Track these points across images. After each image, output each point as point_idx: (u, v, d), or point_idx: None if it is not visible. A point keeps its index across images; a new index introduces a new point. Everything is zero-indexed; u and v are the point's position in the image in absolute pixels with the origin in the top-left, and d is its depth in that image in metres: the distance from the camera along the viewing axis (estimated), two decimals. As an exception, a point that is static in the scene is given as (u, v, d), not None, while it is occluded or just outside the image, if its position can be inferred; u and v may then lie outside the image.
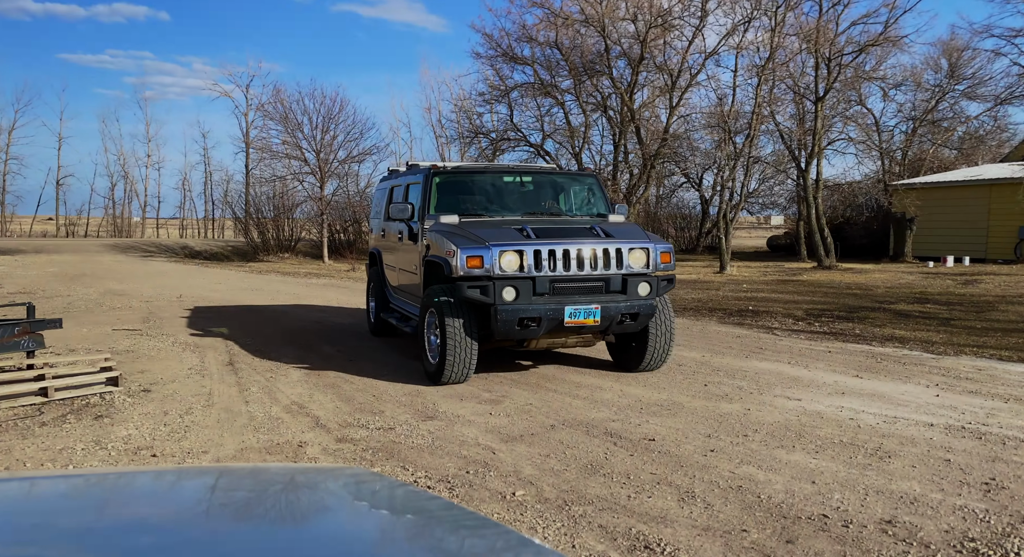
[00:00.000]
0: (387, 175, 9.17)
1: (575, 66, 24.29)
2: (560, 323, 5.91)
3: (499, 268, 5.79)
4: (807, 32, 21.78)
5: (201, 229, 57.93)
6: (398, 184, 8.30)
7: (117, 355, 7.49)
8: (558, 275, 5.94)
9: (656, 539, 3.27)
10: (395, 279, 8.30)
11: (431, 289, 6.28)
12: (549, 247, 5.90)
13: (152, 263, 26.25)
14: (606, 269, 6.05)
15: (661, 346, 6.66)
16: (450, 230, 6.28)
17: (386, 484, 1.50)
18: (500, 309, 5.81)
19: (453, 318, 5.94)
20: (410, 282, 7.51)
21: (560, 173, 8.19)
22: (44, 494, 1.39)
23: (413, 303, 7.50)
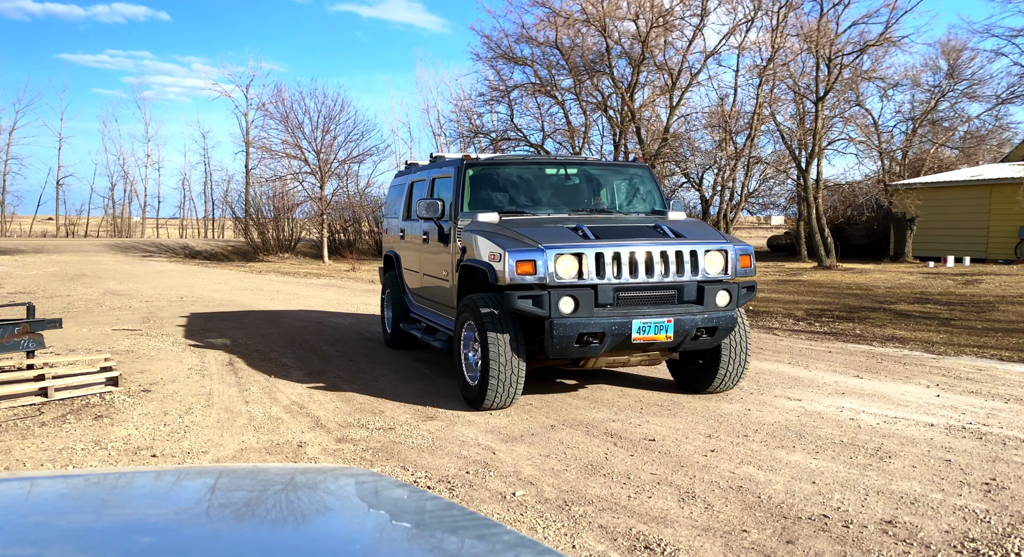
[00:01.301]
0: (404, 169, 8.43)
1: (575, 66, 24.29)
2: (626, 339, 5.10)
3: (555, 275, 4.98)
4: (808, 32, 21.79)
5: (201, 229, 57.95)
6: (419, 179, 7.52)
7: (117, 355, 7.50)
8: (624, 283, 5.11)
9: (656, 539, 3.27)
10: (418, 286, 7.48)
11: (469, 299, 5.46)
12: (613, 249, 5.09)
13: (152, 263, 26.26)
14: (679, 275, 5.23)
15: (735, 364, 5.79)
16: (492, 230, 5.50)
17: (386, 484, 1.50)
18: (556, 323, 4.96)
19: (497, 333, 5.16)
20: (439, 290, 6.72)
21: (608, 165, 7.24)
22: (44, 494, 1.39)
23: (443, 314, 6.69)
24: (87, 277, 18.82)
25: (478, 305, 5.28)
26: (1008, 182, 20.92)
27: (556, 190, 6.59)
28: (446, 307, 6.52)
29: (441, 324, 6.62)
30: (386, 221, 8.92)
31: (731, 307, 5.36)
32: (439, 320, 6.74)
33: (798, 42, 22.49)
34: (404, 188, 8.02)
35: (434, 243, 6.62)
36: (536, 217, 5.96)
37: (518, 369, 5.24)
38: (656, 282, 5.19)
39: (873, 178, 27.07)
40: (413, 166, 8.11)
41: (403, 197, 8.00)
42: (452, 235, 6.15)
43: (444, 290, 6.52)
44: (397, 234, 8.12)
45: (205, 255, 31.52)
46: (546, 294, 4.98)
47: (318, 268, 24.64)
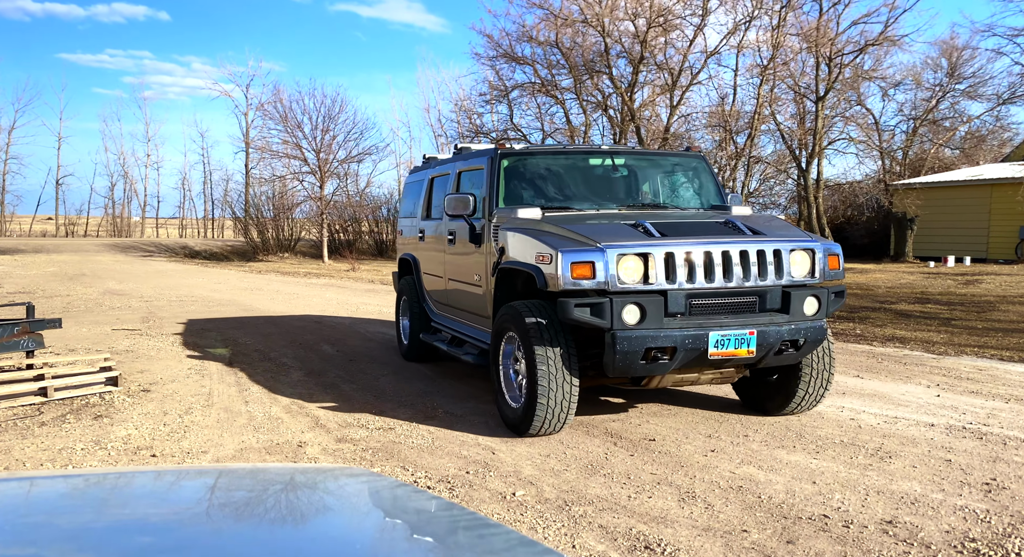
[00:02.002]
0: (422, 165, 7.72)
1: (575, 65, 24.30)
2: (701, 355, 4.39)
3: (617, 279, 4.29)
4: (808, 31, 21.79)
5: (201, 229, 57.97)
6: (441, 174, 6.83)
7: (117, 355, 7.49)
8: (698, 288, 4.42)
9: (656, 539, 3.26)
10: (441, 292, 6.77)
11: (510, 307, 4.79)
12: (684, 248, 4.39)
13: (152, 263, 26.26)
14: (760, 279, 4.51)
15: (818, 383, 5.03)
16: (538, 227, 4.82)
17: (386, 484, 1.50)
18: (620, 336, 4.24)
19: (547, 347, 4.47)
20: (468, 296, 6.02)
21: (659, 154, 6.47)
22: (44, 494, 1.38)
23: (473, 324, 6.02)
24: (87, 277, 18.82)
25: (522, 315, 4.60)
26: (1008, 182, 20.92)
27: (601, 182, 5.84)
28: (478, 316, 5.87)
29: (471, 335, 5.95)
30: (401, 222, 8.15)
31: (820, 316, 4.65)
32: (469, 331, 6.06)
33: (798, 41, 22.51)
34: (422, 185, 7.35)
35: (463, 244, 5.95)
36: (585, 213, 5.24)
37: (571, 389, 4.53)
38: (735, 287, 4.47)
39: (873, 178, 27.08)
40: (432, 160, 7.42)
41: (422, 195, 7.31)
42: (486, 234, 5.48)
43: (475, 297, 5.84)
44: (415, 235, 7.40)
45: (205, 255, 31.53)
46: (607, 302, 4.26)
47: (318, 268, 24.64)
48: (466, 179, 6.19)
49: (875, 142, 26.89)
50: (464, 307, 6.20)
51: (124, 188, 58.62)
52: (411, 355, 7.37)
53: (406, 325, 7.58)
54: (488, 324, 5.55)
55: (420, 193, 7.36)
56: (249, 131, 42.70)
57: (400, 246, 8.07)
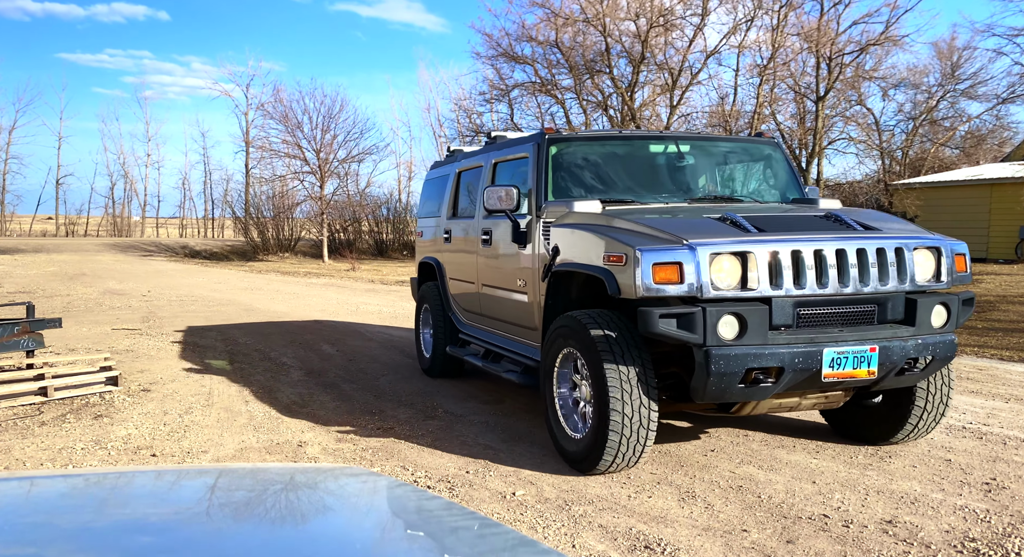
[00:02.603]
0: (444, 159, 7.10)
1: (575, 65, 24.31)
2: (813, 376, 3.68)
3: (710, 283, 3.58)
4: (808, 31, 21.80)
5: (201, 228, 57.98)
6: (470, 166, 6.17)
7: (117, 354, 7.49)
8: (808, 295, 3.70)
9: (656, 539, 3.26)
10: (472, 300, 6.01)
11: (570, 319, 4.08)
12: (790, 246, 3.68)
13: (152, 263, 26.26)
14: (881, 283, 3.79)
15: (935, 405, 4.31)
16: (603, 223, 4.13)
17: (386, 484, 1.50)
18: (716, 354, 3.53)
19: (621, 366, 3.76)
20: (509, 305, 5.27)
21: (729, 140, 5.71)
22: (44, 494, 1.39)
23: (515, 337, 5.28)
24: (87, 276, 18.82)
25: (587, 327, 3.88)
26: (1008, 182, 20.92)
27: (663, 172, 5.12)
28: (521, 328, 5.14)
29: (512, 350, 5.25)
30: (420, 223, 7.44)
31: (949, 328, 3.94)
32: (508, 344, 5.36)
33: (799, 41, 22.52)
34: (447, 180, 6.66)
35: (502, 245, 5.26)
36: (652, 206, 4.58)
37: (649, 417, 3.80)
38: (851, 293, 3.75)
39: (873, 178, 27.09)
40: (457, 153, 6.79)
41: (447, 191, 6.62)
42: (533, 232, 4.79)
43: (518, 305, 5.09)
44: (438, 237, 6.70)
45: (205, 255, 31.53)
46: (699, 312, 3.54)
47: (318, 267, 24.64)
48: (503, 171, 5.51)
49: (875, 142, 26.91)
50: (503, 317, 5.44)
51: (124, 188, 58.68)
52: (435, 370, 6.60)
53: (428, 337, 6.85)
54: (535, 337, 4.86)
55: (444, 190, 6.71)
56: (249, 131, 42.72)
57: (420, 249, 7.38)
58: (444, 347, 6.42)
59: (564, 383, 4.33)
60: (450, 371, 6.58)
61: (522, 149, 5.20)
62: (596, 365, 3.82)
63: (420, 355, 7.08)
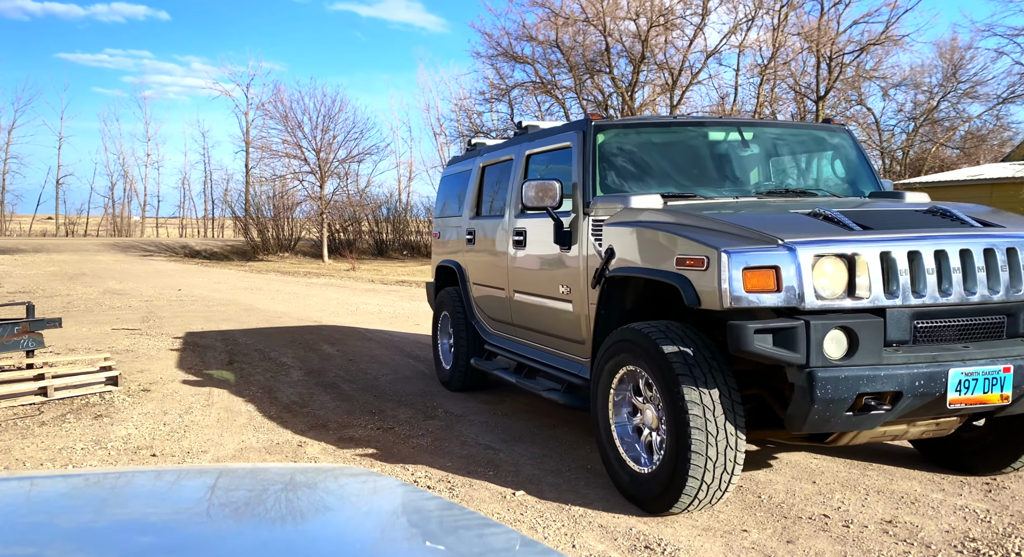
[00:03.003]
0: (464, 153, 6.59)
1: (576, 65, 24.32)
2: (937, 401, 3.11)
3: (813, 291, 3.05)
4: (808, 31, 21.82)
5: (201, 228, 58.00)
6: (497, 161, 5.62)
7: (117, 354, 7.49)
8: (928, 305, 3.15)
9: (656, 539, 3.26)
10: (501, 307, 5.40)
11: (634, 332, 3.49)
12: (906, 245, 3.15)
13: (152, 262, 26.26)
14: (1013, 290, 3.23)
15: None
16: (672, 220, 3.57)
17: (386, 484, 1.50)
18: (821, 378, 2.96)
19: (702, 388, 3.20)
20: (548, 314, 4.67)
21: (796, 126, 5.15)
22: (44, 494, 1.38)
23: (557, 351, 4.69)
24: (87, 276, 18.82)
25: (657, 342, 3.31)
26: (1009, 182, 20.92)
27: (726, 162, 4.56)
28: (564, 340, 4.56)
29: (552, 365, 4.69)
30: (437, 223, 6.96)
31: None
32: (547, 359, 4.78)
33: (799, 41, 22.54)
34: (469, 176, 6.13)
35: (540, 246, 4.71)
36: (723, 201, 4.07)
37: (736, 447, 3.26)
38: (978, 303, 3.19)
39: (873, 177, 27.05)
40: (478, 147, 6.26)
41: (469, 188, 6.06)
42: (580, 232, 4.20)
43: (561, 315, 4.49)
44: (459, 238, 6.17)
45: (205, 254, 31.53)
46: (801, 326, 2.99)
47: (318, 267, 24.65)
48: (538, 164, 5.00)
49: (875, 142, 26.91)
50: (540, 327, 4.86)
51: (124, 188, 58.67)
52: (457, 383, 6.05)
53: (448, 347, 6.37)
54: (582, 351, 4.31)
55: (466, 187, 6.16)
56: (249, 131, 42.74)
57: (437, 251, 6.84)
58: (467, 359, 5.89)
59: (623, 406, 3.77)
60: (473, 384, 6.04)
61: (562, 138, 4.62)
62: (670, 387, 3.24)
63: (438, 366, 6.51)
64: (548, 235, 4.50)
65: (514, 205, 5.05)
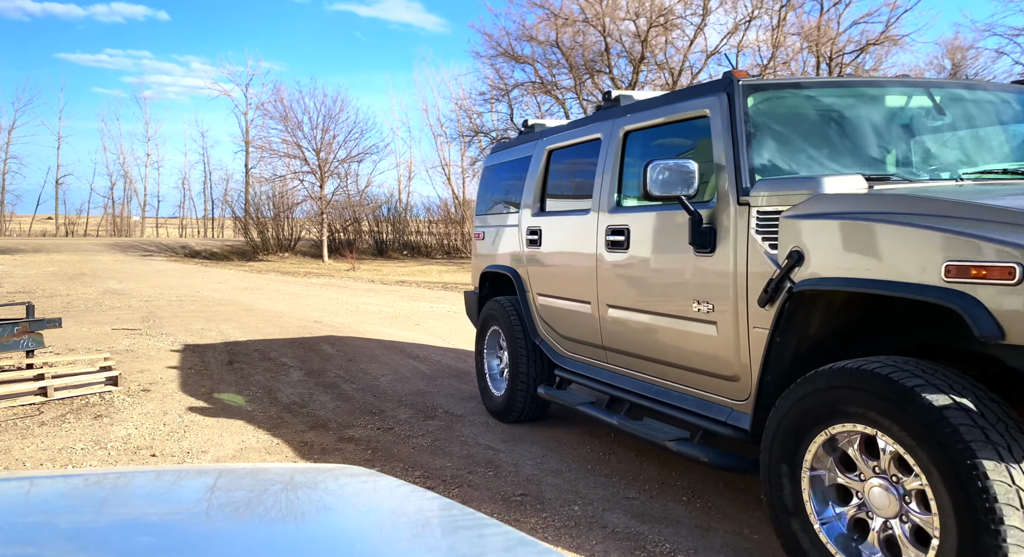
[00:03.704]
0: (517, 138, 5.59)
1: (576, 65, 24.34)
2: None
3: None
4: (808, 31, 21.83)
5: (201, 228, 58.01)
6: (573, 141, 4.63)
7: (116, 355, 7.49)
8: None
9: (656, 539, 3.26)
10: (583, 324, 4.33)
11: (857, 374, 2.45)
12: None
13: (152, 262, 26.26)
14: None
15: None
16: (922, 208, 2.53)
17: (386, 484, 1.50)
18: None
19: (1009, 465, 2.13)
20: (673, 337, 3.55)
21: (998, 88, 3.86)
22: (44, 494, 1.38)
23: (691, 389, 3.52)
24: (86, 276, 18.82)
25: (917, 394, 2.28)
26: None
27: (915, 134, 3.56)
28: (698, 374, 3.43)
29: (676, 404, 3.57)
30: (481, 221, 5.94)
31: None
32: (668, 396, 3.65)
33: (799, 41, 22.55)
34: (529, 165, 5.16)
35: (655, 247, 3.69)
36: (942, 185, 3.07)
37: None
38: None
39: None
40: (537, 127, 5.38)
41: (531, 177, 5.08)
42: (731, 228, 3.16)
43: (697, 340, 3.37)
44: (518, 238, 5.17)
45: (205, 254, 31.53)
46: None
47: (318, 267, 24.65)
48: (642, 144, 3.97)
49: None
50: (654, 354, 3.74)
51: (124, 188, 58.64)
52: (513, 413, 5.10)
53: (497, 369, 5.51)
54: (732, 391, 3.23)
55: (524, 177, 5.19)
56: (249, 131, 42.74)
57: (481, 255, 5.84)
58: (530, 386, 4.98)
59: (824, 487, 2.65)
60: (535, 415, 5.15)
61: (690, 106, 3.55)
62: (957, 460, 2.16)
63: (485, 392, 5.56)
64: (667, 233, 3.56)
65: (607, 196, 4.05)
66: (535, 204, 5.02)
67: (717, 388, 3.34)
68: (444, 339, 8.87)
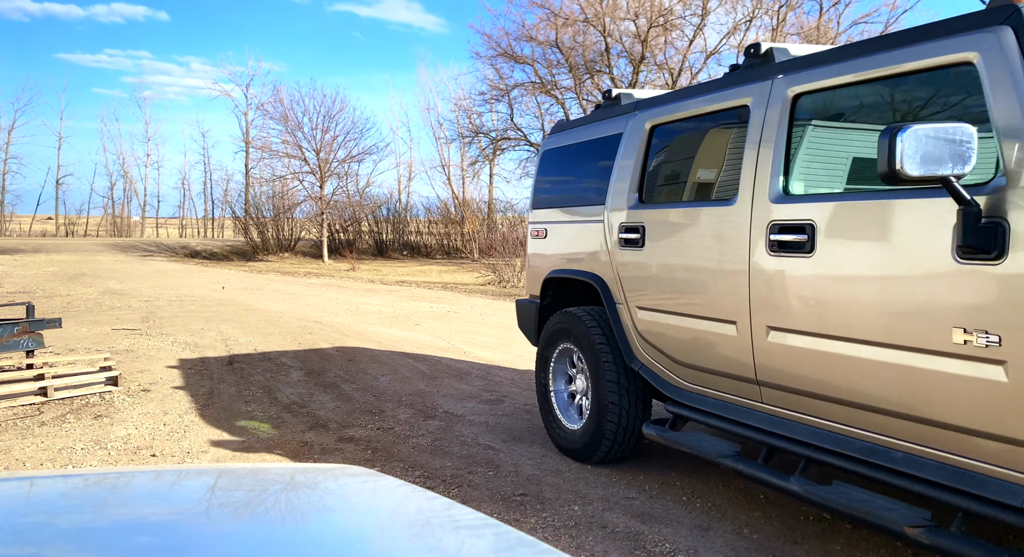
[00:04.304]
0: (600, 110, 4.59)
1: (575, 65, 24.34)
2: None
3: None
4: (808, 31, 21.83)
5: (201, 228, 57.98)
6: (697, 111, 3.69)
7: (117, 355, 7.49)
8: None
9: (656, 539, 3.26)
10: (722, 350, 3.39)
11: None
12: None
13: (152, 263, 26.26)
14: None
15: None
16: None
17: (386, 484, 1.50)
18: None
19: None
20: (906, 380, 2.58)
21: None
22: (44, 494, 1.38)
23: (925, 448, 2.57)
24: (86, 277, 18.82)
25: None
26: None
27: None
28: (964, 434, 2.45)
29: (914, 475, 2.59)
30: (541, 215, 4.97)
31: None
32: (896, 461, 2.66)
33: (798, 41, 22.54)
34: (622, 143, 4.15)
35: (890, 248, 2.64)
36: None
37: None
38: None
39: (873, 178, 27.08)
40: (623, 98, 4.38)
41: (626, 160, 4.10)
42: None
43: (963, 387, 2.42)
44: (605, 236, 4.19)
45: (205, 255, 31.53)
46: None
47: (318, 268, 24.65)
48: (820, 108, 3.13)
49: (875, 142, 26.90)
50: (869, 401, 2.73)
51: (124, 188, 58.59)
52: (599, 453, 4.16)
53: (566, 395, 4.59)
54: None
55: (615, 160, 4.18)
56: (249, 131, 42.73)
57: (541, 256, 4.89)
58: (625, 420, 4.05)
59: None
60: (627, 453, 4.22)
61: (932, 51, 2.58)
62: None
63: (552, 424, 4.56)
64: (898, 232, 2.62)
65: (768, 181, 3.11)
66: (630, 194, 4.02)
67: (1001, 456, 2.36)
68: (444, 339, 8.87)
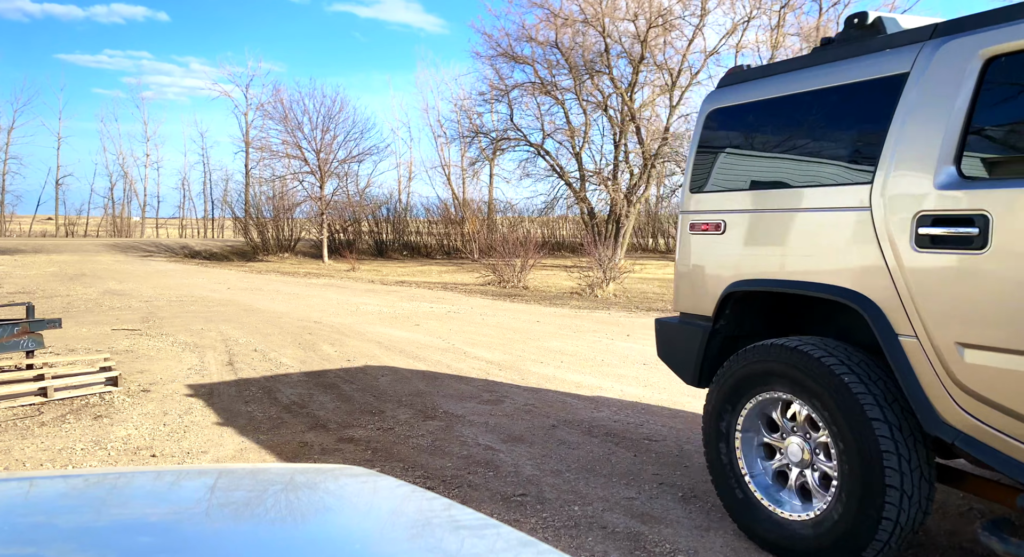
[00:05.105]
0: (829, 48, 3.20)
1: (575, 65, 24.35)
2: None
3: None
4: (807, 31, 21.84)
5: (201, 229, 57.97)
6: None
7: (116, 355, 7.49)
8: None
9: (656, 539, 3.26)
10: None
11: None
12: None
13: (151, 263, 26.25)
14: None
15: None
16: None
17: (386, 484, 1.50)
18: None
19: None
20: None
21: None
22: (44, 494, 1.38)
23: None
24: (86, 277, 18.82)
25: None
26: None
27: None
28: None
29: None
30: (705, 203, 3.63)
31: None
32: None
33: (798, 41, 22.55)
34: (906, 90, 2.72)
35: None
36: None
37: None
38: None
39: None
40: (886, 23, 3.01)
41: (944, 109, 2.57)
42: None
43: None
44: (879, 233, 2.74)
45: (205, 255, 31.53)
46: None
47: (318, 268, 24.65)
48: None
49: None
50: None
51: (124, 188, 58.68)
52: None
53: (771, 471, 3.22)
54: None
55: (892, 117, 2.76)
56: (249, 131, 42.73)
57: (714, 259, 3.56)
58: (908, 513, 2.63)
59: None
60: None
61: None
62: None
63: (743, 507, 3.24)
64: None
65: None
66: (940, 165, 2.57)
67: None
68: (444, 339, 8.87)
